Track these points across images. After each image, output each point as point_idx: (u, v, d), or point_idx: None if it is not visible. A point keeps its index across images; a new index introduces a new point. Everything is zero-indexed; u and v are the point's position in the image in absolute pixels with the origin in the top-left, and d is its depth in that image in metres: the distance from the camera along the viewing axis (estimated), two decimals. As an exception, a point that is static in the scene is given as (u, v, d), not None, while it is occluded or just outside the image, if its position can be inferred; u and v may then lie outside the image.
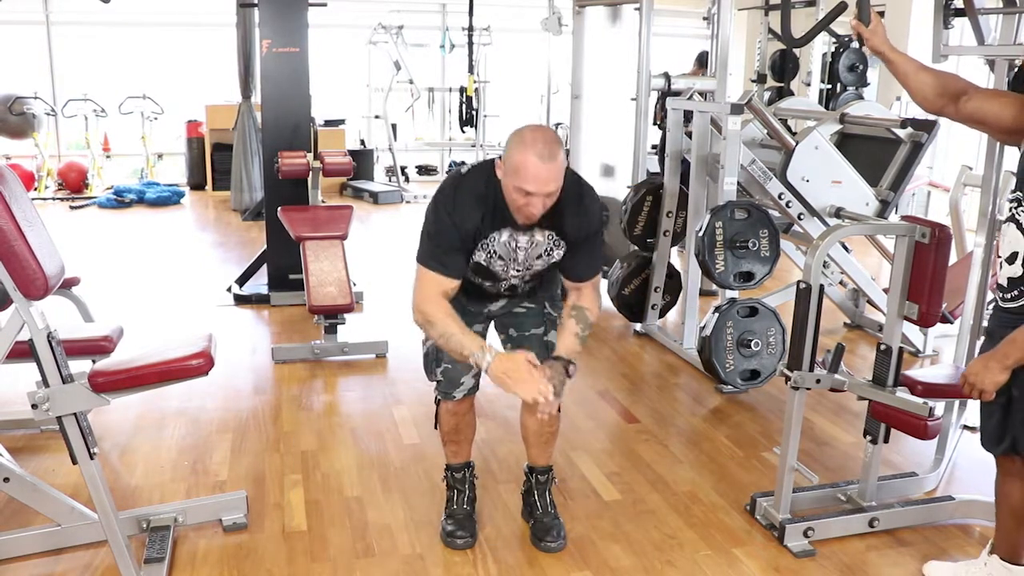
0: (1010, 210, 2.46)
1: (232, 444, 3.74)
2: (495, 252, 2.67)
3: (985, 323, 4.56)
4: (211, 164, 10.56)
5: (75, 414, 2.49)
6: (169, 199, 9.92)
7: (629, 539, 3.06)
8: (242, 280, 6.04)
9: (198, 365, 2.60)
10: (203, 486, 3.36)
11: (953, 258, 4.43)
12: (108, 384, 2.51)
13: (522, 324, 2.94)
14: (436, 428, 3.08)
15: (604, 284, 5.71)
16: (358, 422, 4.02)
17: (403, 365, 4.74)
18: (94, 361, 2.86)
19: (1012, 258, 2.46)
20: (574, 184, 2.64)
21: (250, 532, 3.03)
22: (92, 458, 2.54)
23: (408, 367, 4.71)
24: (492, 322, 3.00)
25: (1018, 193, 2.43)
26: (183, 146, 10.91)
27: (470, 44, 10.50)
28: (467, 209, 2.58)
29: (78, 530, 2.83)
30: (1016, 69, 2.76)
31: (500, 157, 2.54)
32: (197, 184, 10.79)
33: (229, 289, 5.99)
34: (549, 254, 2.71)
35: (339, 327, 4.80)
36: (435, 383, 2.96)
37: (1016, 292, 2.46)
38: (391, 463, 3.60)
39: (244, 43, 9.03)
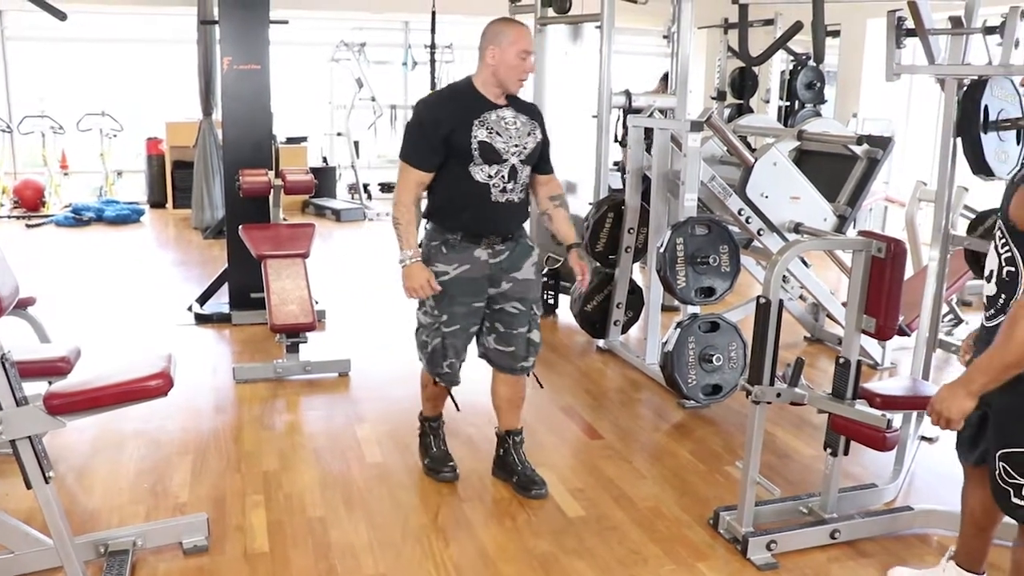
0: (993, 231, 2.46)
1: (193, 465, 3.69)
2: (493, 128, 3.16)
3: (942, 335, 4.65)
4: (172, 182, 10.44)
5: (29, 437, 2.45)
6: (129, 217, 9.81)
7: (593, 555, 3.06)
8: (203, 299, 5.97)
9: (157, 386, 2.57)
10: (163, 508, 3.31)
11: (909, 272, 4.51)
12: (64, 406, 2.48)
13: (511, 323, 3.37)
14: (424, 390, 3.63)
15: (567, 301, 5.73)
16: (321, 441, 3.99)
17: (366, 383, 4.72)
18: (50, 383, 2.81)
19: (989, 277, 2.46)
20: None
21: (211, 555, 2.99)
22: (47, 482, 2.49)
23: (371, 385, 4.69)
24: (485, 314, 3.37)
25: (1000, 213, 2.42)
26: (143, 164, 10.77)
27: (432, 61, 10.49)
28: (445, 102, 3.25)
29: (32, 557, 2.76)
30: None
31: (489, 47, 3.14)
32: (157, 202, 10.67)
33: (190, 308, 5.92)
34: (532, 134, 3.26)
35: (301, 346, 4.77)
36: (436, 374, 3.42)
37: (993, 311, 2.43)
38: (354, 482, 3.57)
39: (205, 60, 8.98)
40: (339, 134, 11.28)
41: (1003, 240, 2.34)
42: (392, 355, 5.21)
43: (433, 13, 9.90)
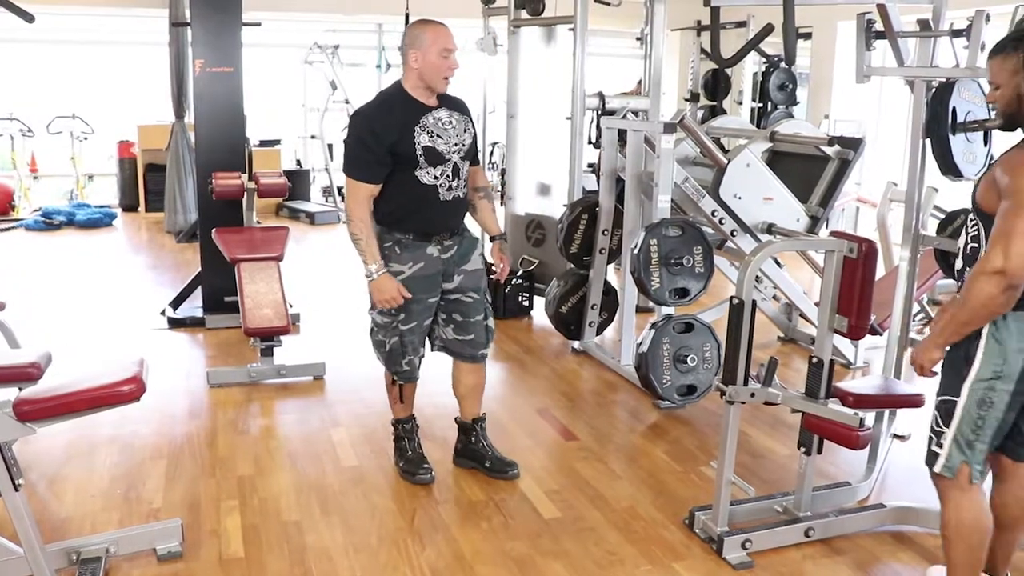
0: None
1: (166, 471, 3.66)
2: (432, 131, 3.22)
3: (913, 334, 4.70)
4: (144, 185, 10.34)
5: (-1, 444, 2.42)
6: (100, 221, 9.71)
7: (570, 556, 3.06)
8: (176, 303, 5.93)
9: (129, 391, 2.54)
10: (136, 515, 3.28)
11: (881, 272, 4.55)
12: (34, 412, 2.45)
13: (468, 312, 3.48)
14: (389, 392, 3.65)
15: (541, 302, 5.74)
16: (296, 445, 3.97)
17: (341, 387, 4.70)
18: (20, 389, 2.78)
19: (959, 253, 2.62)
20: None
21: (185, 561, 2.97)
22: (17, 489, 2.46)
23: (346, 388, 4.67)
24: (439, 306, 3.46)
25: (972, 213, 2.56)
26: (115, 167, 10.67)
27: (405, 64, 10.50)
28: (383, 113, 3.22)
29: (2, 566, 2.73)
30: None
31: (410, 51, 3.18)
32: (129, 205, 10.57)
33: (163, 312, 5.87)
34: (467, 130, 3.34)
35: (275, 349, 4.74)
36: (395, 372, 3.48)
37: (960, 282, 2.58)
38: (329, 486, 3.56)
39: (177, 62, 8.91)
40: (313, 137, 11.24)
41: (973, 221, 2.54)
42: (367, 358, 5.17)
43: (407, 15, 9.87)
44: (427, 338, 3.54)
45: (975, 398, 2.46)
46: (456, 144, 3.29)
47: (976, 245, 2.49)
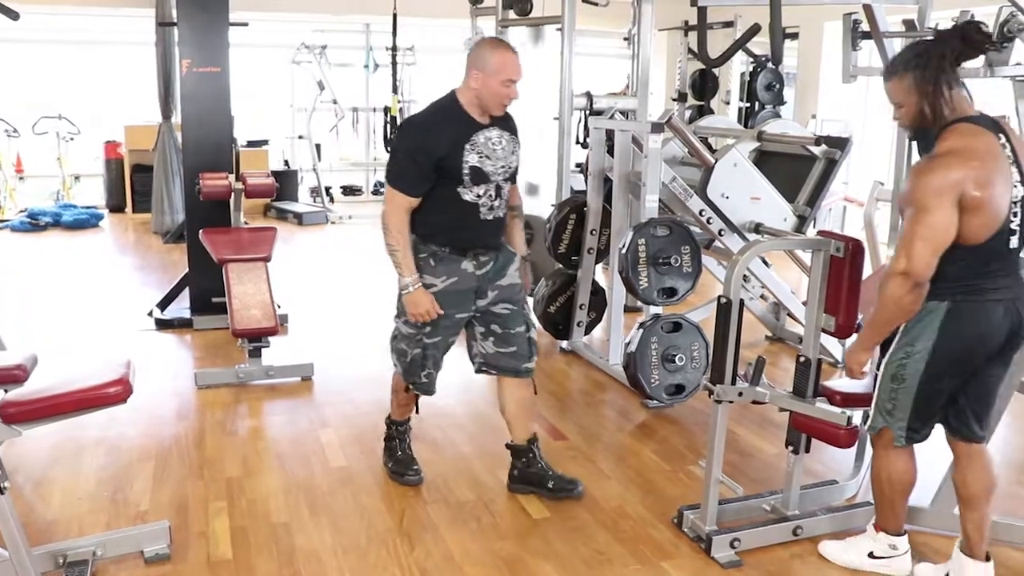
0: None
1: (154, 472, 3.65)
2: (483, 152, 3.12)
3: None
4: (131, 186, 10.30)
5: (-15, 446, 2.40)
6: (87, 222, 9.67)
7: (559, 556, 3.07)
8: (164, 304, 5.91)
9: (116, 392, 2.54)
10: (124, 517, 3.27)
11: (868, 271, 4.57)
12: (20, 415, 2.44)
13: (507, 323, 3.33)
14: (396, 393, 3.59)
15: (530, 302, 5.73)
16: (284, 446, 3.96)
17: (329, 387, 4.69)
18: (5, 391, 2.77)
19: None
20: None
21: (173, 563, 2.96)
22: (2, 492, 2.45)
23: (334, 389, 4.67)
24: (475, 321, 3.34)
25: None
26: (101, 167, 10.63)
27: (394, 64, 10.48)
28: (435, 126, 3.11)
29: (-11, 568, 2.72)
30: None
31: (472, 71, 3.06)
32: (116, 206, 10.53)
33: (150, 313, 5.85)
34: (515, 152, 3.26)
35: (263, 350, 4.73)
36: (412, 383, 3.39)
37: None
38: (318, 487, 3.55)
39: (164, 62, 8.89)
40: (301, 137, 11.21)
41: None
42: (355, 359, 5.20)
43: (394, 15, 9.89)
44: (468, 357, 3.43)
45: (888, 373, 2.77)
46: (503, 166, 3.20)
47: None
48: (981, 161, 2.51)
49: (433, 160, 3.07)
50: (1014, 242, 2.61)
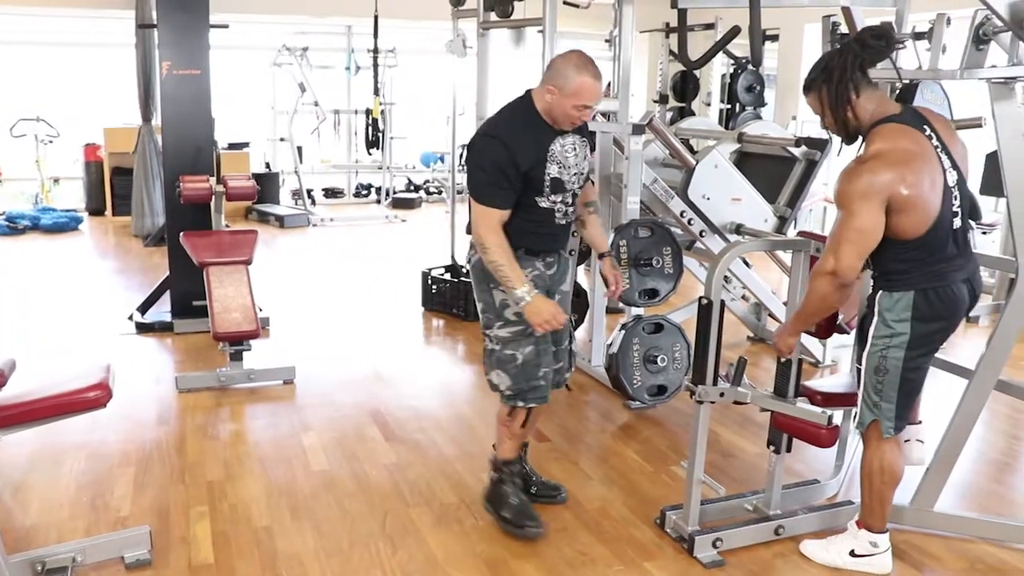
0: None
1: (135, 477, 3.62)
2: (560, 161, 3.03)
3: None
4: (111, 189, 10.24)
5: (-37, 452, 2.39)
6: (66, 225, 9.59)
7: (542, 557, 3.07)
8: (144, 308, 5.87)
9: (95, 397, 2.52)
10: (104, 522, 3.25)
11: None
12: (-1, 420, 2.42)
13: (561, 339, 3.26)
14: (504, 427, 3.26)
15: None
16: (266, 450, 3.95)
17: (311, 391, 4.68)
18: (-16, 396, 2.74)
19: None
20: None
21: (154, 568, 2.94)
22: (-18, 498, 2.43)
23: (316, 392, 4.65)
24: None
25: None
26: (81, 170, 10.56)
27: (375, 66, 10.47)
28: (519, 138, 2.96)
29: (-33, 575, 2.70)
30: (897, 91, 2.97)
31: (549, 84, 2.93)
32: (96, 209, 10.46)
33: (131, 317, 5.82)
34: (586, 158, 3.17)
35: (245, 354, 4.71)
36: (532, 387, 3.12)
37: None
38: (300, 491, 3.54)
39: (144, 64, 8.83)
40: (282, 139, 11.16)
41: None
42: (337, 362, 5.19)
43: (376, 17, 9.87)
44: None
45: (871, 366, 2.84)
46: (576, 173, 3.10)
47: None
48: (907, 161, 2.62)
49: (520, 173, 2.96)
50: (957, 222, 2.74)
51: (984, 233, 7.68)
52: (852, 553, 3.01)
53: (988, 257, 4.81)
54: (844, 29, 3.96)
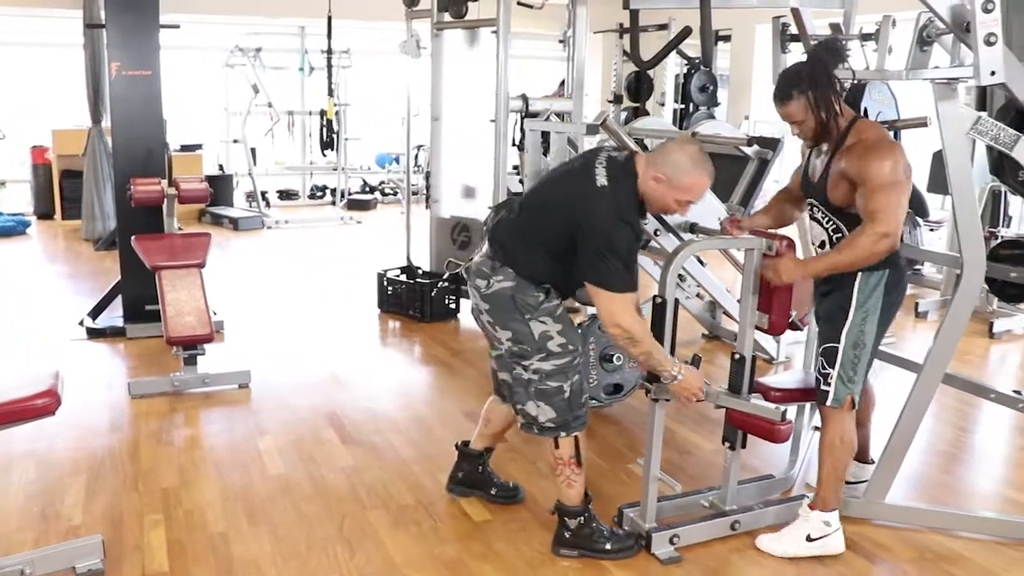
0: (809, 209, 3.17)
1: (86, 485, 3.56)
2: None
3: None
4: (60, 192, 10.04)
5: (-93, 463, 2.33)
6: (13, 229, 9.40)
7: (501, 558, 3.07)
8: (95, 313, 5.78)
9: (44, 404, 2.48)
10: (54, 533, 3.19)
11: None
12: (-57, 429, 2.37)
13: None
14: (567, 468, 3.06)
15: (467, 305, 5.73)
16: (221, 455, 3.91)
17: (267, 394, 4.64)
18: (-72, 405, 2.68)
19: (823, 244, 3.12)
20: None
21: (107, 577, 2.90)
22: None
23: (272, 396, 4.61)
24: None
25: (810, 199, 3.14)
26: (28, 173, 10.36)
27: (329, 67, 10.40)
28: (636, 212, 2.90)
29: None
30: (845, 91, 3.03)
31: (659, 171, 2.83)
32: (45, 213, 10.26)
33: (81, 323, 5.72)
34: None
35: (199, 358, 4.66)
36: (575, 418, 3.01)
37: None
38: (256, 495, 3.50)
39: (93, 65, 8.69)
40: (235, 141, 11.04)
41: (826, 217, 3.06)
42: (293, 364, 5.15)
43: (329, 18, 9.82)
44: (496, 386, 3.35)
45: (851, 341, 3.00)
46: None
47: (841, 235, 3.02)
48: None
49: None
50: None
51: (932, 230, 7.84)
52: (808, 538, 3.08)
53: (935, 253, 4.97)
54: (794, 30, 4.02)
